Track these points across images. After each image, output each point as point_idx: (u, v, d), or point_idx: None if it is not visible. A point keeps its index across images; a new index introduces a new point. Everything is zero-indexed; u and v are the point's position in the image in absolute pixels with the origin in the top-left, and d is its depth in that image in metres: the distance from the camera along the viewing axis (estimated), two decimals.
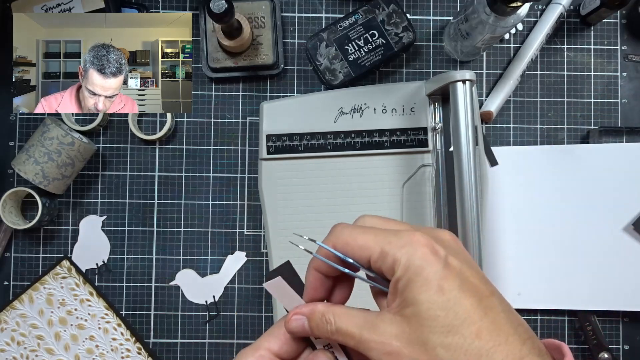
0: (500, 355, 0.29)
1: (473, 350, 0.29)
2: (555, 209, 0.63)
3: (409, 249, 0.31)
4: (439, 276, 0.30)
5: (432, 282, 0.30)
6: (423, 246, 0.31)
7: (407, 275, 0.30)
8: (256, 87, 0.65)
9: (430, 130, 0.60)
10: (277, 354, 0.34)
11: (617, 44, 0.66)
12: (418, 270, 0.30)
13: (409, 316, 0.30)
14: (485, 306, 0.30)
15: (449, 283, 0.30)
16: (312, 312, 0.33)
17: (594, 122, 0.65)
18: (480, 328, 0.29)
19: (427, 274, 0.30)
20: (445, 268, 0.30)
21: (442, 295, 0.30)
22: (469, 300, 0.30)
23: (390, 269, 0.31)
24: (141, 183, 0.64)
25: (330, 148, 0.60)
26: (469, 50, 0.61)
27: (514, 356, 0.29)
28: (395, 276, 0.31)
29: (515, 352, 0.29)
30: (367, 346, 0.31)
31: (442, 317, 0.29)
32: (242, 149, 0.64)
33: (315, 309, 0.33)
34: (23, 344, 0.62)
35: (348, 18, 0.61)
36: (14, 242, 0.64)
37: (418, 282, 0.30)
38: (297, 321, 0.34)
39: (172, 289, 0.64)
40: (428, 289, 0.30)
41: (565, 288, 0.62)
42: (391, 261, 0.31)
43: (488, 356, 0.29)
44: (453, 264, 0.31)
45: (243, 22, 0.59)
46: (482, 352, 0.29)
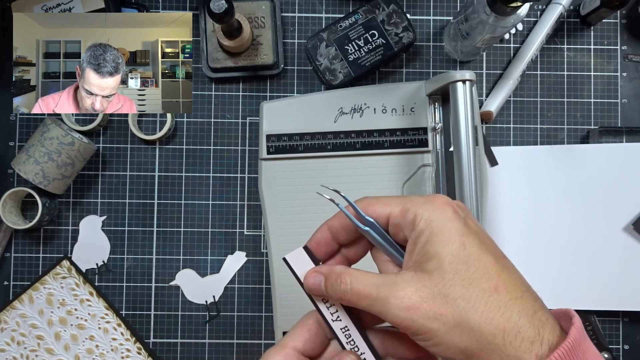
0: (516, 308, 0.30)
1: (492, 303, 0.30)
2: (555, 209, 0.63)
3: (431, 206, 0.32)
4: (460, 232, 0.31)
5: (454, 238, 0.31)
6: (445, 204, 0.33)
7: (429, 230, 0.32)
8: (256, 87, 0.65)
9: (430, 130, 0.60)
10: (302, 351, 0.35)
11: (617, 44, 0.66)
12: (441, 225, 0.32)
13: (431, 270, 0.31)
14: (501, 264, 0.32)
15: (470, 240, 0.31)
16: (330, 272, 0.34)
17: (594, 122, 0.65)
18: (498, 283, 0.31)
19: (449, 229, 0.31)
20: (465, 226, 0.32)
21: (464, 250, 0.31)
22: (487, 257, 0.31)
23: (410, 224, 0.32)
24: (141, 183, 0.64)
25: (330, 148, 0.60)
26: (469, 50, 0.61)
27: (528, 310, 0.30)
28: (416, 230, 0.32)
29: (529, 306, 0.31)
30: (384, 303, 0.31)
31: (463, 271, 0.31)
32: (242, 149, 0.64)
33: (333, 269, 0.34)
34: (23, 344, 0.62)
35: (348, 18, 0.61)
36: (14, 242, 0.64)
37: (440, 237, 0.31)
38: (315, 278, 0.34)
39: (172, 289, 0.64)
40: (450, 243, 0.31)
41: (565, 288, 0.62)
42: (412, 216, 0.32)
43: (506, 308, 0.30)
44: (471, 225, 0.33)
45: (243, 22, 0.59)
46: (501, 304, 0.30)
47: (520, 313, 0.30)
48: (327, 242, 0.36)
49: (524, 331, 0.30)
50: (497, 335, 0.30)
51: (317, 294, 0.35)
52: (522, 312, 0.30)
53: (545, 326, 0.30)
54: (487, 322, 0.30)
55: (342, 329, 0.34)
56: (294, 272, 0.35)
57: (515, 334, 0.30)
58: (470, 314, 0.30)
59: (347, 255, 0.37)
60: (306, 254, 0.35)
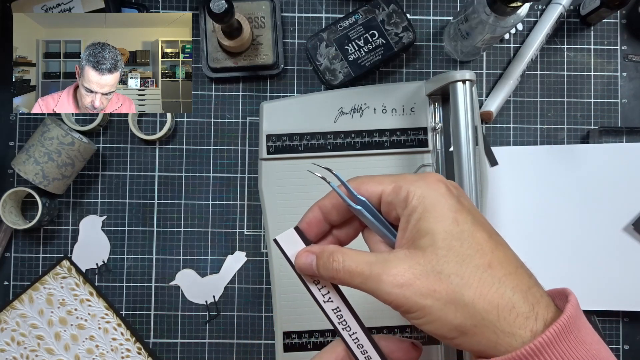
0: (510, 284, 0.30)
1: (486, 279, 0.30)
2: (555, 209, 0.63)
3: (424, 183, 0.32)
4: (454, 209, 0.31)
5: (447, 214, 0.31)
6: (438, 181, 0.32)
7: (422, 206, 0.31)
8: (256, 87, 0.65)
9: (430, 130, 0.60)
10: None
11: (617, 44, 0.66)
12: (434, 202, 0.31)
13: (424, 247, 0.31)
14: (495, 241, 0.32)
15: (463, 217, 0.31)
16: (322, 251, 0.34)
17: (594, 122, 0.65)
18: (492, 259, 0.30)
19: (442, 206, 0.31)
20: (458, 203, 0.32)
21: (457, 226, 0.31)
22: (481, 234, 0.31)
23: (403, 201, 0.32)
24: (141, 183, 0.64)
25: (330, 148, 0.60)
26: (469, 50, 0.61)
27: (522, 286, 0.30)
28: (408, 207, 0.32)
29: (523, 282, 0.30)
30: (377, 280, 0.31)
31: (457, 247, 0.30)
32: (242, 149, 0.64)
33: (325, 248, 0.34)
34: (23, 344, 0.62)
35: (348, 18, 0.61)
36: (14, 242, 0.64)
37: (433, 213, 0.31)
38: (307, 258, 0.34)
39: (172, 289, 0.64)
40: (444, 220, 0.31)
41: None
42: (405, 193, 0.32)
43: (500, 283, 0.30)
44: (465, 204, 0.32)
45: (243, 22, 0.59)
46: (494, 280, 0.30)
47: (515, 289, 0.30)
48: (319, 222, 0.36)
49: (519, 307, 0.30)
50: (491, 311, 0.29)
51: (309, 274, 0.34)
52: (516, 288, 0.30)
53: (540, 302, 0.30)
54: (481, 298, 0.29)
55: (333, 310, 0.34)
56: (284, 253, 0.35)
57: (509, 309, 0.29)
58: (464, 290, 0.30)
59: (338, 236, 0.36)
60: (297, 234, 0.35)
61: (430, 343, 0.58)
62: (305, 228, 0.36)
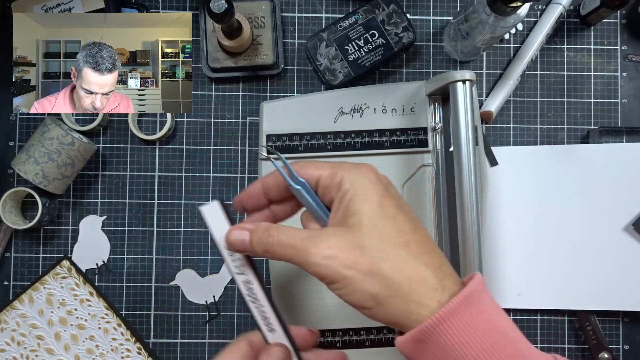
0: (424, 260, 0.34)
1: (402, 255, 0.34)
2: (555, 209, 0.63)
3: (357, 170, 0.36)
4: (380, 194, 0.35)
5: (374, 198, 0.35)
6: (369, 171, 0.37)
7: (353, 190, 0.35)
8: (256, 87, 0.65)
9: (430, 130, 0.60)
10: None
11: (617, 44, 0.66)
12: (364, 186, 0.35)
13: (351, 225, 0.35)
14: (415, 225, 0.36)
15: (388, 201, 0.35)
16: (257, 227, 0.37)
17: (594, 122, 0.65)
18: (410, 239, 0.35)
19: (370, 191, 0.35)
20: (385, 190, 0.36)
21: (382, 208, 0.35)
22: (402, 217, 0.35)
23: (337, 185, 0.36)
24: (141, 183, 0.64)
25: (330, 148, 0.60)
26: (469, 50, 0.61)
27: (434, 263, 0.35)
28: (341, 190, 0.36)
29: (436, 261, 0.35)
30: (306, 253, 0.34)
31: (379, 226, 0.34)
32: (242, 149, 0.64)
33: (259, 224, 0.37)
34: (23, 344, 0.62)
35: (348, 18, 0.61)
36: (14, 242, 0.64)
37: (362, 196, 0.35)
38: (239, 234, 0.37)
39: (172, 289, 0.64)
40: (371, 202, 0.35)
41: (565, 288, 0.62)
42: (339, 178, 0.36)
43: (414, 260, 0.34)
44: (391, 192, 0.37)
45: (243, 22, 0.59)
46: (410, 257, 0.34)
47: (427, 265, 0.34)
48: (258, 195, 0.40)
49: (429, 280, 0.34)
50: (404, 283, 0.33)
51: (239, 249, 0.37)
52: (428, 264, 0.34)
53: (448, 278, 0.35)
54: (397, 272, 0.33)
55: (244, 282, 0.38)
56: (208, 224, 0.38)
57: (420, 282, 0.33)
58: (382, 263, 0.33)
59: (275, 212, 0.40)
60: (222, 208, 0.38)
61: None
62: (245, 198, 0.39)
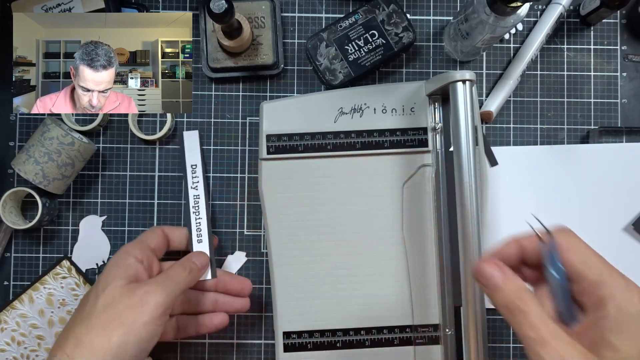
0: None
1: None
2: (555, 209, 0.63)
3: (628, 294, 0.31)
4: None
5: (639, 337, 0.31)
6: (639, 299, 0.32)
7: (616, 321, 0.31)
8: (256, 87, 0.65)
9: (430, 130, 0.60)
10: (153, 250, 0.53)
11: (617, 44, 0.66)
12: (632, 320, 0.31)
13: (604, 356, 0.30)
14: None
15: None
16: (514, 282, 0.33)
17: (594, 122, 0.65)
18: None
19: (638, 327, 0.31)
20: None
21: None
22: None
23: (598, 299, 0.31)
24: (141, 183, 0.64)
25: (330, 148, 0.60)
26: (469, 50, 0.61)
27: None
28: (603, 311, 0.31)
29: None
30: (541, 342, 0.30)
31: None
32: (242, 149, 0.64)
33: (516, 281, 0.33)
34: (23, 344, 0.62)
35: (348, 18, 0.61)
36: (14, 242, 0.64)
37: (631, 333, 0.31)
38: (494, 271, 0.34)
39: None
40: (636, 343, 0.30)
41: None
42: (605, 293, 0.31)
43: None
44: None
45: (243, 22, 0.59)
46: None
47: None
48: (514, 259, 0.36)
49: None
50: None
51: (480, 280, 0.34)
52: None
53: None
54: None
55: (194, 196, 0.42)
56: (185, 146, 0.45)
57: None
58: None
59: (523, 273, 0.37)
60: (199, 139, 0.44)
61: (430, 343, 0.58)
62: (500, 251, 0.36)
